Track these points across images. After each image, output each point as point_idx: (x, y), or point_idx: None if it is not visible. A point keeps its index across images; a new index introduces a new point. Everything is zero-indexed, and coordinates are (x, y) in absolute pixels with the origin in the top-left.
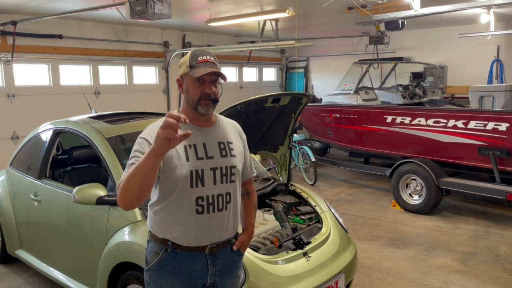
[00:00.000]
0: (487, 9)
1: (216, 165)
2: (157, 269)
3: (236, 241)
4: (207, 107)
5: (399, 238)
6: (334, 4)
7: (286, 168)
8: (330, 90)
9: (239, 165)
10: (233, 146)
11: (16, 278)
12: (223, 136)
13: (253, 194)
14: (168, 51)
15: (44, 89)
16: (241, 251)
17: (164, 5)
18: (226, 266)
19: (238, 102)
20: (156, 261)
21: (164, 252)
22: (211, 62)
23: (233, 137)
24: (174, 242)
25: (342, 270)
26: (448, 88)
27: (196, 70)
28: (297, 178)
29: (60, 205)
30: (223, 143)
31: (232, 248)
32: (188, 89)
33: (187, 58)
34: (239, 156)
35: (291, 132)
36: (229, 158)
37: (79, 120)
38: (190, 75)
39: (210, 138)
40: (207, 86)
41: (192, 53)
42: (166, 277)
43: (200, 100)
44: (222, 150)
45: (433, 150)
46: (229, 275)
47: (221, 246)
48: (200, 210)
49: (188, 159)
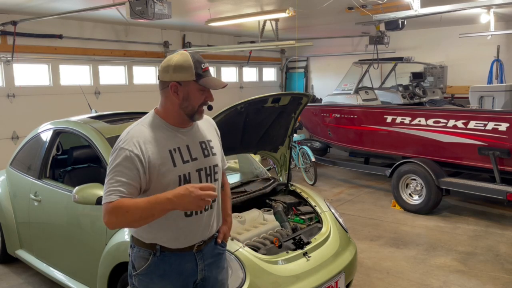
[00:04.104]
0: (487, 9)
1: (200, 166)
2: (146, 273)
3: (219, 233)
4: (201, 115)
5: (399, 238)
6: (334, 4)
7: (286, 168)
8: (330, 90)
9: (220, 163)
10: (213, 144)
11: (16, 278)
12: (203, 135)
13: (226, 186)
14: (168, 51)
15: (44, 89)
16: (224, 242)
17: (164, 5)
18: (213, 259)
19: (238, 102)
20: (145, 267)
21: (153, 257)
22: (210, 69)
23: (211, 134)
24: (163, 246)
25: (342, 270)
26: (448, 88)
27: (207, 80)
28: (297, 178)
29: (60, 205)
30: (204, 142)
31: (217, 241)
32: (190, 96)
33: (190, 64)
34: (219, 154)
35: (291, 132)
36: (211, 158)
37: (79, 120)
38: (200, 84)
39: (192, 138)
40: (209, 95)
41: (193, 59)
42: (157, 280)
43: (199, 108)
44: (204, 150)
45: (433, 150)
46: (217, 268)
47: (207, 242)
48: (189, 212)
49: (175, 164)
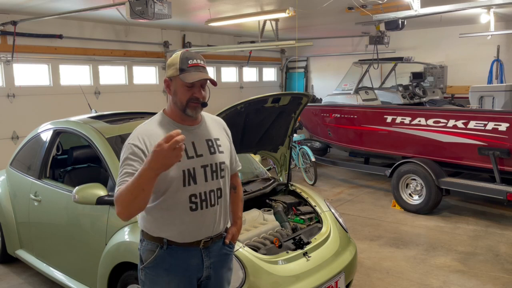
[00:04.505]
0: (487, 9)
1: (206, 163)
2: (153, 266)
3: (227, 234)
4: (195, 110)
5: (399, 238)
6: (334, 4)
7: (286, 168)
8: (330, 90)
9: (227, 160)
10: (220, 143)
11: (16, 278)
12: (210, 134)
13: (239, 188)
14: (168, 51)
15: (44, 89)
16: (232, 243)
17: (164, 5)
18: (219, 258)
19: (238, 102)
20: (152, 259)
21: (160, 250)
22: (202, 66)
23: (219, 133)
24: (169, 240)
25: (342, 270)
26: (448, 88)
27: (187, 74)
28: (297, 178)
29: (60, 205)
30: (210, 140)
31: (225, 242)
32: (177, 92)
33: (176, 60)
34: (226, 152)
35: (291, 132)
36: (217, 155)
37: (79, 120)
38: (180, 79)
39: (198, 136)
40: (197, 90)
41: (182, 55)
42: (163, 273)
43: (189, 103)
44: (210, 147)
45: (433, 150)
46: (223, 268)
47: (214, 240)
48: (194, 207)
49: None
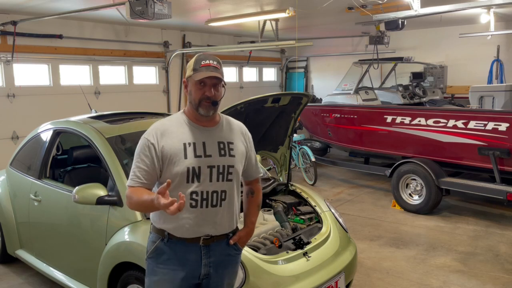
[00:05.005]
0: (487, 9)
1: (213, 163)
2: (153, 257)
3: (234, 235)
4: (207, 109)
5: (399, 238)
6: (334, 4)
7: (286, 168)
8: (330, 90)
9: (238, 165)
10: (234, 147)
11: (16, 278)
12: (224, 137)
13: (257, 193)
14: (168, 51)
15: (44, 89)
16: (238, 246)
17: (164, 5)
18: (221, 258)
19: (238, 102)
20: (153, 249)
21: (161, 242)
22: (213, 66)
23: (235, 138)
24: (170, 233)
25: (342, 270)
26: (448, 88)
27: (198, 73)
28: (297, 178)
29: (60, 205)
30: (223, 143)
31: (229, 242)
32: (192, 91)
33: (192, 61)
34: (239, 157)
35: (291, 132)
36: (227, 158)
37: (79, 120)
38: (192, 78)
39: (211, 137)
40: (208, 89)
41: (197, 57)
42: (161, 264)
43: (201, 102)
44: (221, 149)
45: (433, 150)
46: (225, 268)
47: (216, 239)
48: (194, 204)
49: (186, 156)
